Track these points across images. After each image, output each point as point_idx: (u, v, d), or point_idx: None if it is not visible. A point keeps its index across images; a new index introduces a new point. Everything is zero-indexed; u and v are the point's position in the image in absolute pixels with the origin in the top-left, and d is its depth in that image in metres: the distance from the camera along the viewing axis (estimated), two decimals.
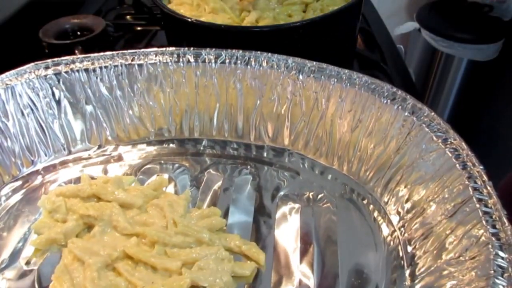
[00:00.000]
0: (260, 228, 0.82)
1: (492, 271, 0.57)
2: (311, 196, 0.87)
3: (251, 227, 0.82)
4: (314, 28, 1.04)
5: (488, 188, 0.67)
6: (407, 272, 0.71)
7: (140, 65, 0.95)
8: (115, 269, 0.73)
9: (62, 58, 0.96)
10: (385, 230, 0.79)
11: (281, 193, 0.88)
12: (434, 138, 0.76)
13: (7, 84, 0.90)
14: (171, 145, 1.00)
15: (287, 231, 0.81)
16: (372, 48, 1.37)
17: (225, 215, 0.84)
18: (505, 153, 1.71)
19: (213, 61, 0.94)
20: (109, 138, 0.99)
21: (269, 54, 0.93)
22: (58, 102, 0.95)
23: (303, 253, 0.77)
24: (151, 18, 1.45)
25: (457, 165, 0.71)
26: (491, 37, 1.89)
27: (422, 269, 0.69)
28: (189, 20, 1.04)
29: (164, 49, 0.97)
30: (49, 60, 0.95)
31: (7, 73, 0.92)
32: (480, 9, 1.94)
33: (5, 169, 0.91)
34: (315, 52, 1.07)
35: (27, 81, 0.92)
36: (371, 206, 0.83)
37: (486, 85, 1.95)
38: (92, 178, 0.89)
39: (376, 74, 1.21)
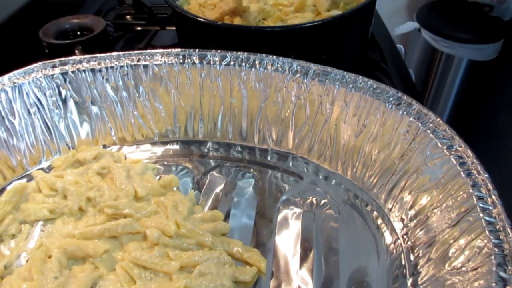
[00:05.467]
0: (261, 232, 0.82)
1: (494, 284, 0.57)
2: (314, 201, 0.87)
3: (251, 231, 0.82)
4: (325, 29, 1.05)
5: (493, 197, 0.67)
6: (409, 281, 0.71)
7: (145, 66, 0.95)
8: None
9: (69, 57, 0.96)
10: (388, 238, 0.79)
11: (284, 197, 0.88)
12: (439, 145, 0.76)
13: (14, 83, 0.91)
14: (175, 146, 1.00)
15: (288, 236, 0.81)
16: (372, 48, 1.37)
17: (226, 218, 0.84)
18: (504, 153, 1.71)
19: (218, 63, 0.94)
20: (114, 138, 0.99)
21: (274, 56, 0.93)
22: (64, 102, 0.95)
23: (303, 259, 0.77)
24: (151, 18, 1.45)
25: (462, 172, 0.71)
26: (491, 37, 1.89)
27: (425, 279, 0.68)
28: (201, 20, 1.05)
29: (169, 50, 0.97)
30: (56, 60, 0.95)
31: (15, 72, 0.93)
32: (480, 9, 1.94)
33: (10, 166, 0.92)
34: (326, 53, 1.08)
35: (35, 80, 0.92)
36: (375, 213, 0.84)
37: (486, 85, 1.95)
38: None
39: (376, 74, 1.21)
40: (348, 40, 1.14)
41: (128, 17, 1.53)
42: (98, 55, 0.96)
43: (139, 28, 1.46)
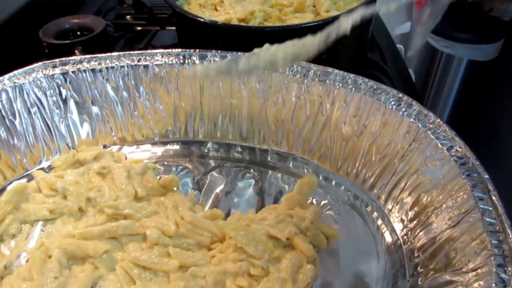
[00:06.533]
0: None
1: (494, 284, 0.57)
2: (314, 202, 0.86)
3: None
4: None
5: (493, 198, 0.67)
6: (409, 282, 0.71)
7: (146, 66, 0.96)
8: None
9: (70, 57, 0.96)
10: (388, 239, 0.79)
11: (284, 198, 0.88)
12: (439, 146, 0.76)
13: (15, 83, 0.91)
14: (175, 146, 1.00)
15: None
16: (372, 48, 1.37)
17: (226, 218, 0.83)
18: (505, 153, 1.71)
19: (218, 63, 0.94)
20: (114, 138, 1.00)
21: None
22: (65, 102, 0.95)
23: None
24: (151, 18, 1.45)
25: (462, 173, 0.71)
26: (491, 37, 1.89)
27: (424, 280, 0.69)
28: (201, 20, 1.05)
29: (170, 50, 0.97)
30: (57, 60, 0.95)
31: (15, 72, 0.93)
32: (480, 9, 1.93)
33: (10, 166, 0.92)
34: (326, 53, 1.07)
35: (35, 79, 0.92)
36: (375, 214, 0.84)
37: (486, 85, 1.95)
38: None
39: (376, 74, 1.21)
40: (348, 40, 1.14)
41: (128, 17, 1.53)
42: (99, 55, 0.97)
43: (139, 28, 1.45)
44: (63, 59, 0.95)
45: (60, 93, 0.94)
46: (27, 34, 1.25)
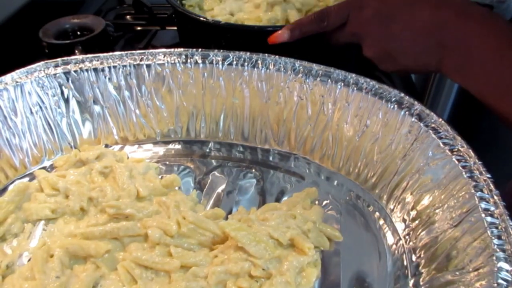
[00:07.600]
0: None
1: (495, 284, 0.57)
2: (315, 202, 0.86)
3: None
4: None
5: (495, 197, 0.67)
6: (411, 282, 0.71)
7: (148, 66, 0.95)
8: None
9: (72, 57, 0.96)
10: (390, 239, 0.79)
11: (285, 197, 0.88)
12: (441, 145, 0.76)
13: (17, 82, 0.91)
14: (177, 146, 1.00)
15: None
16: None
17: (227, 218, 0.83)
18: (505, 153, 1.70)
19: (220, 62, 0.94)
20: (116, 138, 1.00)
21: (276, 56, 0.93)
22: (67, 101, 0.95)
23: None
24: (151, 18, 1.45)
25: (464, 173, 0.71)
26: None
27: (426, 279, 0.69)
28: (203, 19, 1.05)
29: (172, 50, 0.97)
30: (59, 59, 0.95)
31: (17, 71, 0.93)
32: None
33: (12, 165, 0.92)
34: (328, 53, 1.07)
35: (37, 79, 0.92)
36: (377, 213, 0.84)
37: None
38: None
39: (376, 74, 1.21)
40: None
41: (128, 17, 1.53)
42: (101, 54, 0.96)
43: (139, 28, 1.46)
44: (65, 58, 0.95)
45: (62, 93, 0.94)
46: (27, 34, 1.25)
